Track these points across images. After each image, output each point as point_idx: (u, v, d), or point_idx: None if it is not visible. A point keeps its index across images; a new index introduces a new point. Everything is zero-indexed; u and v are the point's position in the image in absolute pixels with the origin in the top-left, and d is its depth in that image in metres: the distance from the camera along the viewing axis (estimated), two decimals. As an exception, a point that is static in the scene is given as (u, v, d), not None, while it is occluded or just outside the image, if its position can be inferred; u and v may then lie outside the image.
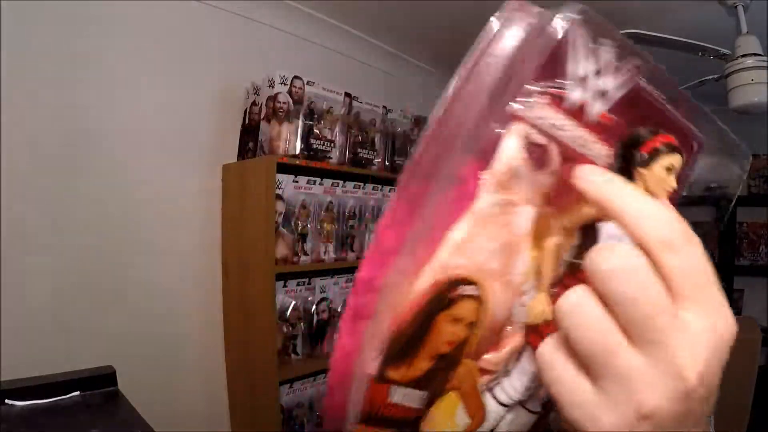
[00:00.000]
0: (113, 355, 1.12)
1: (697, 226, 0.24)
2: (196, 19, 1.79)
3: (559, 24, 0.24)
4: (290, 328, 1.81)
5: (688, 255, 0.22)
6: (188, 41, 1.76)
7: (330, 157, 1.86)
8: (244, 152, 1.87)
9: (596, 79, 0.24)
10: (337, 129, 1.89)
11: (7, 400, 0.78)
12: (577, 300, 0.22)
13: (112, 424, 0.79)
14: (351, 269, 1.96)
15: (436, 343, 0.26)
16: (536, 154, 0.26)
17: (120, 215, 1.59)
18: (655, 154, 0.26)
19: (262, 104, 1.80)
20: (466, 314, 0.26)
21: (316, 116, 1.82)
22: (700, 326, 0.21)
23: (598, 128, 0.25)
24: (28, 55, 1.39)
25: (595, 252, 0.22)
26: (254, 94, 1.86)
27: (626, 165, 0.27)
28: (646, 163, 0.26)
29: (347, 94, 1.94)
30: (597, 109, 0.25)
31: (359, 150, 1.99)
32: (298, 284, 1.87)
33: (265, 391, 1.71)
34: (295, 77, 1.76)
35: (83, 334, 1.48)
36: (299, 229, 1.79)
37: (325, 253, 1.88)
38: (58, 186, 1.46)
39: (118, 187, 1.59)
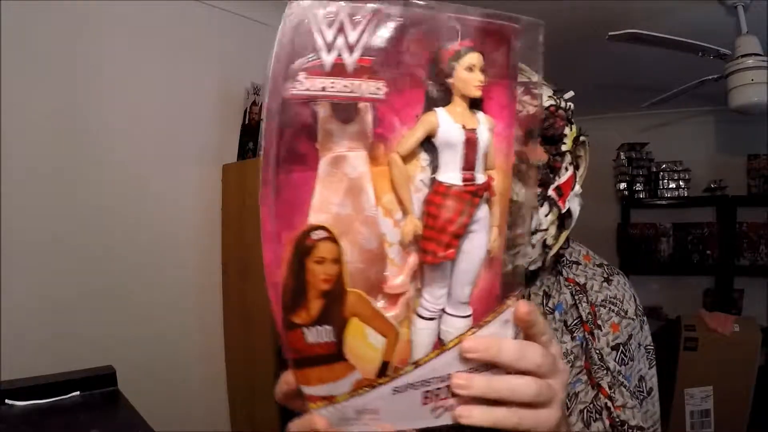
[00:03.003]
0: (113, 356, 1.12)
1: (697, 227, 0.24)
2: (196, 19, 1.79)
3: (294, 9, 0.29)
4: (290, 328, 1.81)
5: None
6: (188, 41, 1.76)
7: (330, 157, 1.86)
8: (244, 152, 1.87)
9: (340, 37, 0.30)
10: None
11: (7, 400, 0.78)
12: None
13: (112, 424, 0.79)
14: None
15: (315, 283, 0.31)
16: (340, 112, 0.31)
17: (120, 215, 1.59)
18: (452, 61, 0.32)
19: (262, 104, 1.80)
20: (326, 253, 0.31)
21: (316, 116, 1.82)
22: None
23: (362, 71, 0.30)
24: (27, 55, 1.39)
25: None
26: (254, 94, 1.86)
27: (439, 82, 0.33)
28: (449, 74, 0.32)
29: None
30: (351, 59, 0.30)
31: (359, 150, 1.98)
32: (298, 284, 1.86)
33: (265, 391, 1.71)
34: (295, 77, 1.76)
35: (83, 334, 1.48)
36: (299, 229, 1.79)
37: (325, 253, 1.87)
38: (58, 186, 1.46)
39: (118, 187, 1.59)
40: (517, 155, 0.59)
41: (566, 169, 0.63)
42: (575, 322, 0.65)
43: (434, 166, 0.34)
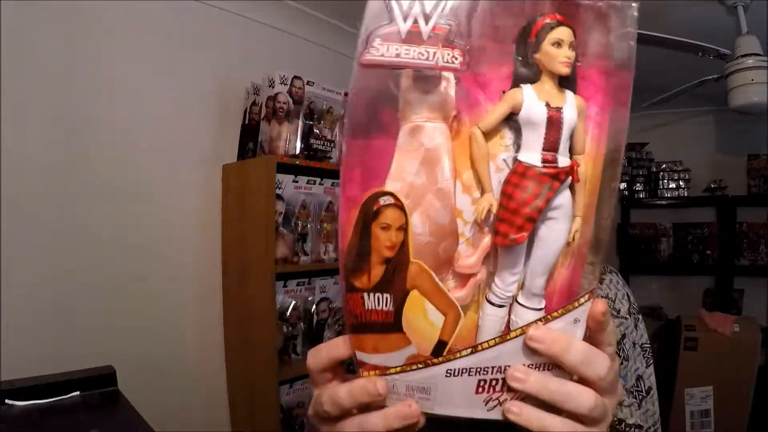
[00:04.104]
0: (113, 356, 1.12)
1: (697, 227, 0.24)
2: (196, 19, 1.79)
3: None
4: (290, 328, 1.81)
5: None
6: (188, 41, 1.76)
7: (330, 157, 1.86)
8: (244, 152, 1.87)
9: (417, 4, 0.30)
10: (337, 129, 1.89)
11: (7, 400, 0.78)
12: None
13: (112, 424, 0.79)
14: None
15: (378, 248, 0.32)
16: (421, 82, 0.31)
17: (119, 215, 1.59)
18: (539, 36, 0.31)
19: (262, 104, 1.80)
20: (391, 220, 0.31)
21: (315, 116, 1.82)
22: None
23: (437, 39, 0.30)
24: (27, 55, 1.39)
25: None
26: (254, 94, 1.86)
27: (526, 58, 0.32)
28: (536, 48, 0.31)
29: (347, 94, 1.93)
30: (427, 27, 0.30)
31: (359, 150, 1.98)
32: (298, 284, 1.87)
33: (265, 391, 1.71)
34: (295, 77, 1.76)
35: (83, 334, 1.48)
36: (299, 229, 1.79)
37: (325, 253, 1.88)
38: (57, 186, 1.46)
39: (118, 187, 1.58)
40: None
41: None
42: None
43: (518, 146, 0.33)
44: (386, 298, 0.32)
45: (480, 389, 0.34)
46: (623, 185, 3.60)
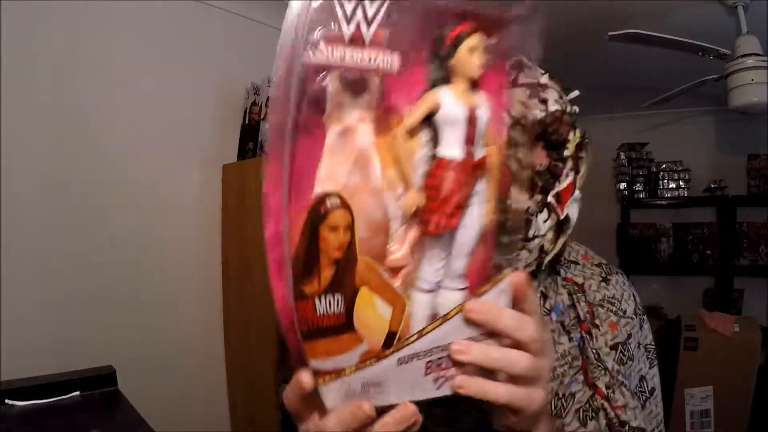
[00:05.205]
0: (113, 356, 1.12)
1: (697, 227, 0.24)
2: (195, 18, 1.79)
3: None
4: (290, 328, 1.81)
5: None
6: (188, 41, 1.76)
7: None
8: (244, 152, 1.87)
9: (359, 10, 0.30)
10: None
11: (7, 400, 0.78)
12: None
13: (112, 424, 0.79)
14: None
15: (327, 251, 0.32)
16: (351, 85, 0.32)
17: (120, 215, 1.59)
18: (454, 43, 0.33)
19: (262, 104, 1.80)
20: (340, 221, 0.32)
21: (316, 116, 1.82)
22: None
23: (377, 44, 0.31)
24: (28, 55, 1.39)
25: None
26: (254, 94, 1.86)
27: (442, 65, 0.34)
28: (450, 55, 0.33)
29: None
30: (369, 32, 0.31)
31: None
32: (298, 284, 1.86)
33: (265, 391, 1.71)
34: (295, 77, 1.76)
35: (83, 334, 1.48)
36: (299, 229, 1.79)
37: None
38: (57, 186, 1.46)
39: (118, 187, 1.58)
40: (518, 161, 0.59)
41: (567, 175, 0.62)
42: (572, 322, 0.64)
43: (433, 143, 0.35)
44: (337, 299, 0.33)
45: (428, 370, 0.36)
46: (623, 185, 3.60)
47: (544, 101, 0.61)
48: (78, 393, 0.85)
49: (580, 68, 2.45)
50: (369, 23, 0.31)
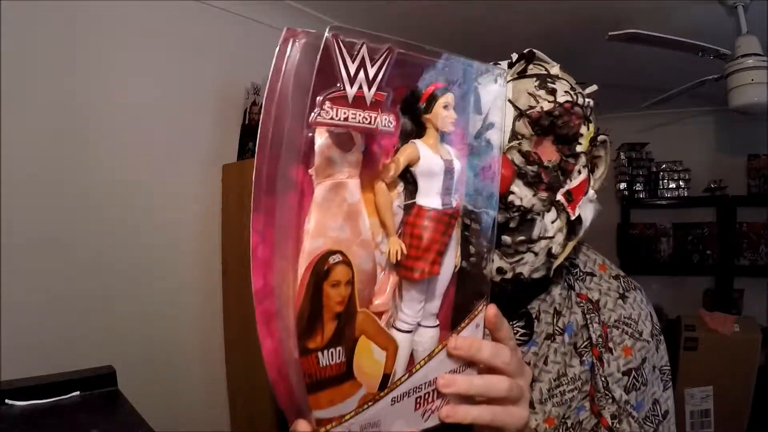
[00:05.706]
0: (113, 356, 1.12)
1: (697, 227, 0.24)
2: (195, 19, 1.79)
3: (322, 40, 0.30)
4: (290, 328, 1.81)
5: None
6: (188, 41, 1.76)
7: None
8: (244, 152, 1.87)
9: (361, 71, 0.31)
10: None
11: (7, 400, 0.78)
12: None
13: (112, 424, 0.79)
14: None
15: (330, 306, 0.33)
16: (341, 141, 0.33)
17: (119, 215, 1.59)
18: (431, 99, 0.35)
19: (262, 104, 1.79)
20: (341, 276, 0.33)
21: (316, 116, 1.82)
22: None
23: (377, 105, 0.33)
24: (27, 55, 1.39)
25: None
26: (254, 94, 1.86)
27: (414, 118, 0.36)
28: (427, 110, 0.36)
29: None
30: (370, 93, 0.32)
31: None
32: (298, 284, 1.86)
33: (265, 391, 1.71)
34: (295, 77, 1.76)
35: (83, 334, 1.47)
36: (299, 229, 1.79)
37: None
38: (57, 186, 1.46)
39: (118, 187, 1.58)
40: (522, 154, 0.58)
41: (579, 172, 0.59)
42: (585, 344, 0.61)
43: (408, 193, 0.37)
44: (339, 351, 0.34)
45: (418, 405, 0.39)
46: (623, 185, 3.60)
47: (552, 92, 0.58)
48: (78, 393, 0.85)
49: (581, 68, 2.44)
50: (371, 84, 0.32)
